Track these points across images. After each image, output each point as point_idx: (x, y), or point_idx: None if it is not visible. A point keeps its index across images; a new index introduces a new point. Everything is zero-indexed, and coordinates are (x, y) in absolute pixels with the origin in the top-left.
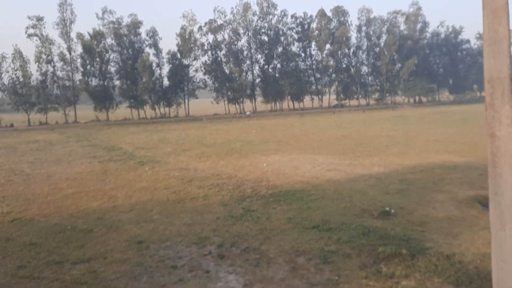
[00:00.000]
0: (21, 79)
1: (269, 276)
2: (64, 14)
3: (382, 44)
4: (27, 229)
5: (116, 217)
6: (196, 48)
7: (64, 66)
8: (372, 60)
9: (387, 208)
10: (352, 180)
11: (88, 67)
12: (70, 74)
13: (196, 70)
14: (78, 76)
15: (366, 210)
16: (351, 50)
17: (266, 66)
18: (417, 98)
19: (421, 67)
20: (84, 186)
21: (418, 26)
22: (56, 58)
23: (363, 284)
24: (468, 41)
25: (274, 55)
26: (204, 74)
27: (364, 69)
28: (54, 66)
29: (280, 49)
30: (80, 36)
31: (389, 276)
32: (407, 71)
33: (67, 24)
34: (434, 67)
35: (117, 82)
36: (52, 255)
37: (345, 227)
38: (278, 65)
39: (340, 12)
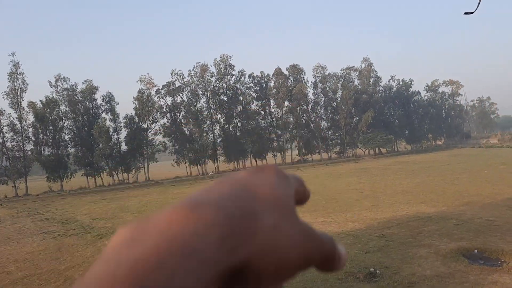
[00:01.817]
0: None
1: None
2: (15, 83)
3: (339, 99)
4: None
5: None
6: (155, 111)
7: (15, 137)
8: (330, 115)
9: (372, 269)
10: None
11: (41, 136)
12: (21, 144)
13: (155, 133)
14: (29, 146)
15: (350, 273)
16: (310, 106)
17: (227, 126)
18: (376, 149)
19: (378, 120)
20: (36, 267)
21: (371, 80)
22: (5, 129)
23: None
24: (418, 93)
25: (234, 114)
26: (164, 136)
27: (324, 123)
28: (3, 137)
29: (239, 108)
30: (31, 105)
31: None
32: (365, 124)
33: (18, 93)
34: (390, 119)
35: (71, 150)
36: None
37: None
38: (239, 124)
39: (296, 70)
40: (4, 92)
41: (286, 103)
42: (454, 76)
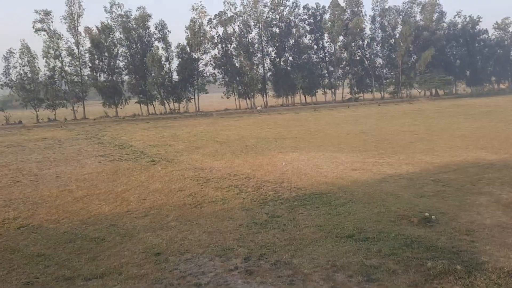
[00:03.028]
0: (29, 75)
1: None
2: (72, 8)
3: (398, 35)
4: (34, 237)
5: (130, 223)
6: (206, 41)
7: (72, 61)
8: (387, 52)
9: (427, 214)
10: (381, 180)
11: (97, 62)
12: (78, 69)
13: (206, 64)
14: (86, 71)
15: (404, 216)
16: (365, 41)
17: (278, 59)
18: (433, 91)
19: (438, 59)
20: (95, 187)
21: (435, 16)
22: (64, 53)
23: None
24: (486, 31)
25: (286, 48)
26: (214, 68)
27: (379, 61)
28: (62, 61)
29: (291, 41)
30: (88, 30)
31: None
32: (424, 63)
33: (75, 18)
34: (451, 59)
35: (126, 77)
36: (62, 269)
37: (383, 236)
38: (290, 58)
39: (354, 2)
40: (62, 16)
41: (341, 38)
42: None
